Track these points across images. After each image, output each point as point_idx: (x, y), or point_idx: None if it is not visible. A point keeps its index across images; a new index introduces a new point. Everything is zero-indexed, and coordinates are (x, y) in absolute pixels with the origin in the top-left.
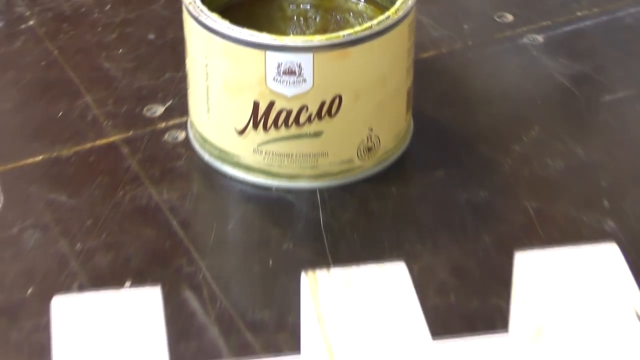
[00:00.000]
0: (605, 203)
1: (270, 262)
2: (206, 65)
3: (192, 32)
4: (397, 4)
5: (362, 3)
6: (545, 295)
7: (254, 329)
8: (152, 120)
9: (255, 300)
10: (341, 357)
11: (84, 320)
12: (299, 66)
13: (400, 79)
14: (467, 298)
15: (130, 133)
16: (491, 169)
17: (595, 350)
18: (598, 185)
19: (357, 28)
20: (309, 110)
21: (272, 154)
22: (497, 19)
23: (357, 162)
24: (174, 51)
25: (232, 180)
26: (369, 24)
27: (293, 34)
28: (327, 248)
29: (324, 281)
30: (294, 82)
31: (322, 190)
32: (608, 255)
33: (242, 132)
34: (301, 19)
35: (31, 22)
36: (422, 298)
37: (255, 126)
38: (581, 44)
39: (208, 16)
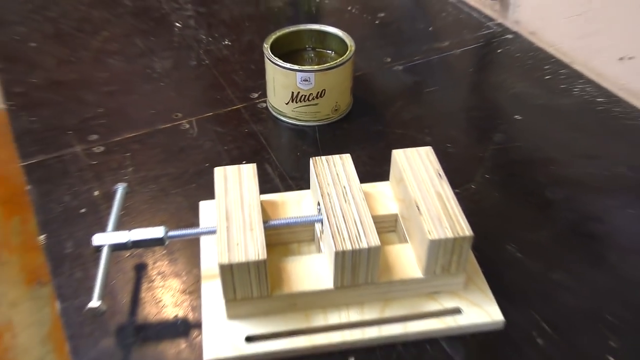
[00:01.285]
0: (427, 130)
1: (298, 153)
2: (273, 78)
3: (267, 64)
4: (347, 54)
5: (332, 54)
6: (403, 166)
7: (293, 179)
8: (253, 99)
9: (293, 168)
10: (325, 189)
11: (227, 178)
12: (309, 78)
13: (348, 83)
14: (374, 168)
15: (245, 104)
16: (384, 118)
17: (421, 188)
18: (424, 123)
19: (331, 63)
20: (312, 95)
21: (299, 111)
22: (384, 60)
23: (332, 115)
24: (262, 71)
25: (284, 122)
26: (335, 62)
27: (307, 64)
28: (319, 149)
29: (320, 162)
30: (307, 84)
31: (319, 127)
32: (427, 152)
33: (287, 103)
34: (309, 59)
35: (205, 59)
36: (356, 167)
37: (293, 101)
38: (419, 69)
39: (274, 58)
